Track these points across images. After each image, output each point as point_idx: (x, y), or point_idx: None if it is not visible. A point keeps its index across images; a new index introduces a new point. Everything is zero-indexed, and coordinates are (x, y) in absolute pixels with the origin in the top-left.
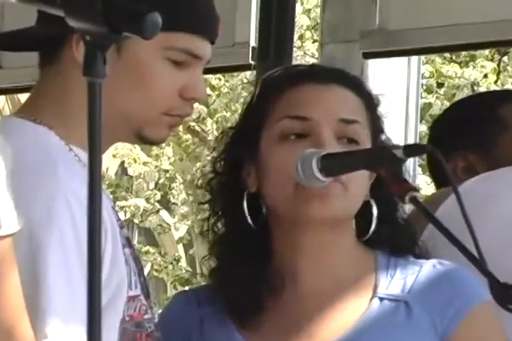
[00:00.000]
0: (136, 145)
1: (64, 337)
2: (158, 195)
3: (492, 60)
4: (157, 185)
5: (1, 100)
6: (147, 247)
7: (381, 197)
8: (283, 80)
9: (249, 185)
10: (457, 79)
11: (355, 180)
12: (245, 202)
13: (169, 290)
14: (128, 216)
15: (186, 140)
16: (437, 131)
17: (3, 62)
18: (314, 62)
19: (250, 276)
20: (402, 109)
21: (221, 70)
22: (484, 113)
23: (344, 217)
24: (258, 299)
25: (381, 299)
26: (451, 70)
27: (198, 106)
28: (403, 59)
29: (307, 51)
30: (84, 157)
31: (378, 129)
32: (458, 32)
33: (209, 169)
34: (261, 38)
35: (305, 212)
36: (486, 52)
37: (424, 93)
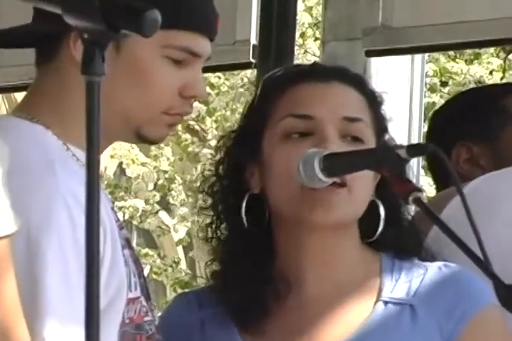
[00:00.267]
0: (134, 145)
1: (62, 340)
2: (157, 196)
3: (498, 58)
4: (156, 186)
5: None
6: (146, 249)
7: (386, 198)
8: (284, 80)
9: (252, 186)
10: (462, 75)
11: (359, 181)
12: (244, 203)
13: (169, 293)
14: (127, 217)
15: (185, 139)
16: (440, 121)
17: None
18: (316, 60)
19: (254, 278)
20: (406, 108)
21: (222, 68)
22: (488, 104)
23: (349, 222)
24: (262, 302)
25: (386, 303)
26: (456, 67)
27: (198, 104)
28: (407, 57)
29: (309, 49)
30: (81, 156)
31: (382, 128)
32: (462, 30)
33: (210, 173)
34: (262, 36)
35: (309, 218)
36: (491, 50)
37: (427, 92)
